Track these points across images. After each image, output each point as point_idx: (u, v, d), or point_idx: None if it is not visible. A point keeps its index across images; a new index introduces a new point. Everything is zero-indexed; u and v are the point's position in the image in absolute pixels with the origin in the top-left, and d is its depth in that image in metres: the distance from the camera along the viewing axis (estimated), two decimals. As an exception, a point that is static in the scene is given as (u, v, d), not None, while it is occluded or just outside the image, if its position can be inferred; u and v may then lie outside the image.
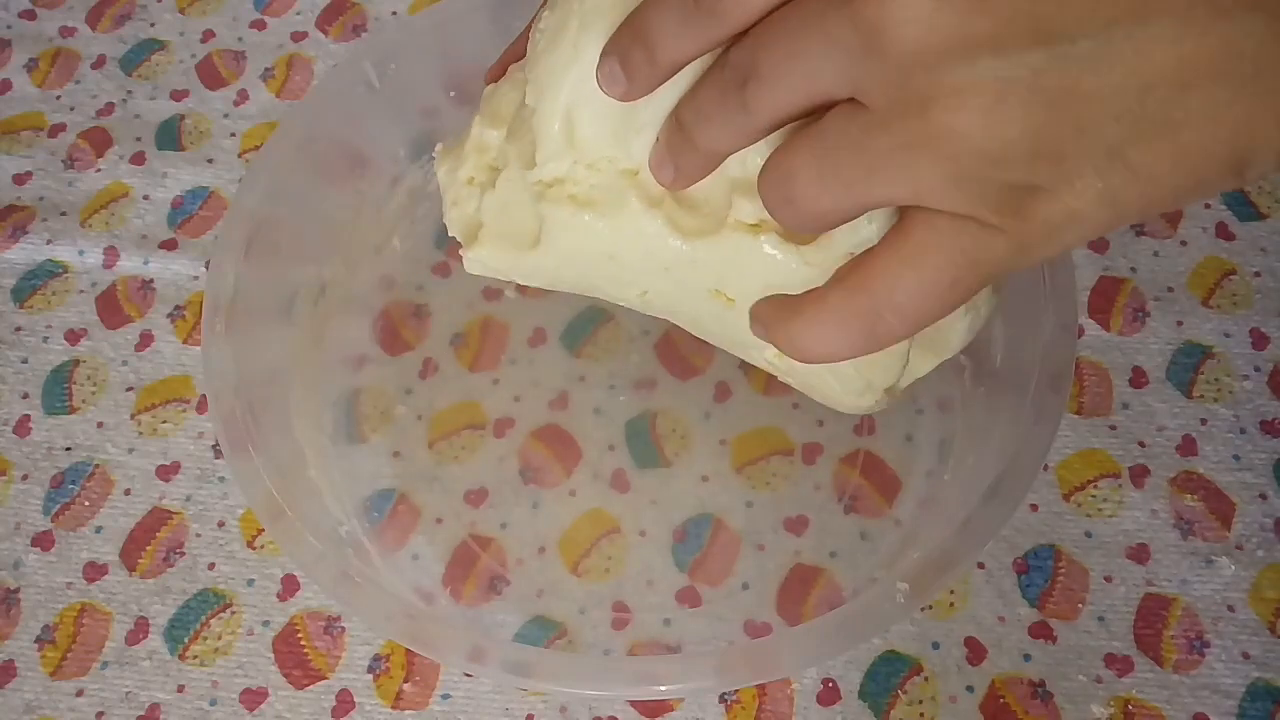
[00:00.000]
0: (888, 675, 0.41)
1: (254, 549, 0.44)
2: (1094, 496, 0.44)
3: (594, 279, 0.33)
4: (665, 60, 0.26)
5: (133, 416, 0.48)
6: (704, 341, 0.34)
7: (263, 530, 0.44)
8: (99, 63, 0.58)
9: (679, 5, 0.25)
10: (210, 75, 0.58)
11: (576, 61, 0.29)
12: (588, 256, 0.31)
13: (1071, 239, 0.23)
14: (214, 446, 0.47)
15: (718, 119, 0.26)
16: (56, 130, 0.56)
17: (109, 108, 0.57)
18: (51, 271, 0.52)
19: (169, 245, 0.52)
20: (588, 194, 0.30)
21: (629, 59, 0.27)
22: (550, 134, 0.30)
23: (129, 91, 0.57)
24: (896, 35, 0.21)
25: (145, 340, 0.49)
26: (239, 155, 0.55)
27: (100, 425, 0.47)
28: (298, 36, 0.59)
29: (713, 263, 0.30)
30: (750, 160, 0.28)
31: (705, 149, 0.27)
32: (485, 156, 0.33)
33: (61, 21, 0.60)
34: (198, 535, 0.45)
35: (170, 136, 0.55)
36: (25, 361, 0.49)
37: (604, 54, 0.28)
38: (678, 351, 0.48)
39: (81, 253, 0.52)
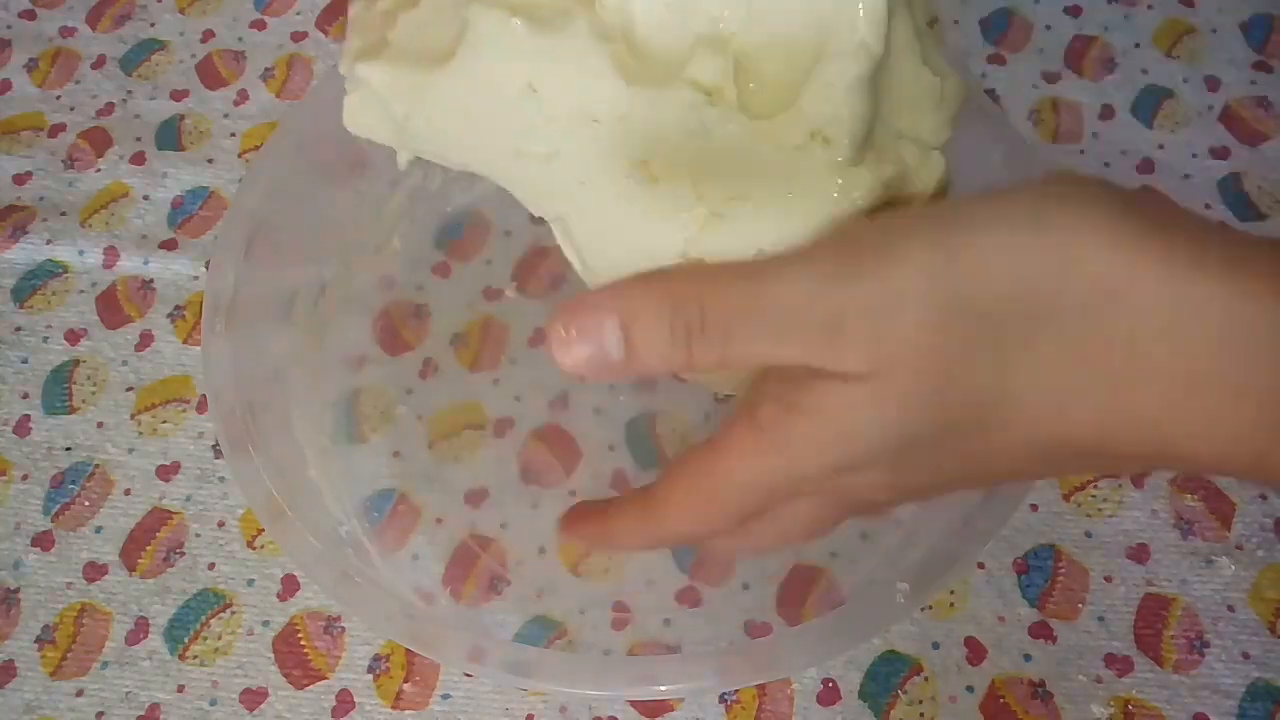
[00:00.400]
0: (888, 675, 0.41)
1: (254, 549, 0.44)
2: (1094, 496, 0.44)
3: (494, 130, 0.27)
4: (639, 370, 0.24)
5: (133, 416, 0.48)
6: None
7: (263, 530, 0.44)
8: (99, 63, 0.58)
9: (670, 328, 0.23)
10: (210, 75, 0.58)
11: None
12: (501, 87, 0.26)
13: None
14: (214, 446, 0.47)
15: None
16: (56, 130, 0.56)
17: (109, 108, 0.57)
18: (51, 271, 0.52)
19: (169, 245, 0.52)
20: (530, 2, 0.26)
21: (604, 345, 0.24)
22: None
23: (129, 91, 0.57)
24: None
25: (145, 340, 0.49)
26: (239, 155, 0.55)
27: (100, 425, 0.47)
28: (298, 36, 0.59)
29: (649, 124, 0.25)
30: (726, 16, 0.25)
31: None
32: None
33: (61, 21, 0.60)
34: (198, 535, 0.45)
35: (170, 136, 0.55)
36: (25, 361, 0.49)
37: (564, 321, 0.24)
38: (678, 351, 0.48)
39: (81, 253, 0.52)
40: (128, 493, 0.46)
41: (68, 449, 0.47)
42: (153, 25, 0.60)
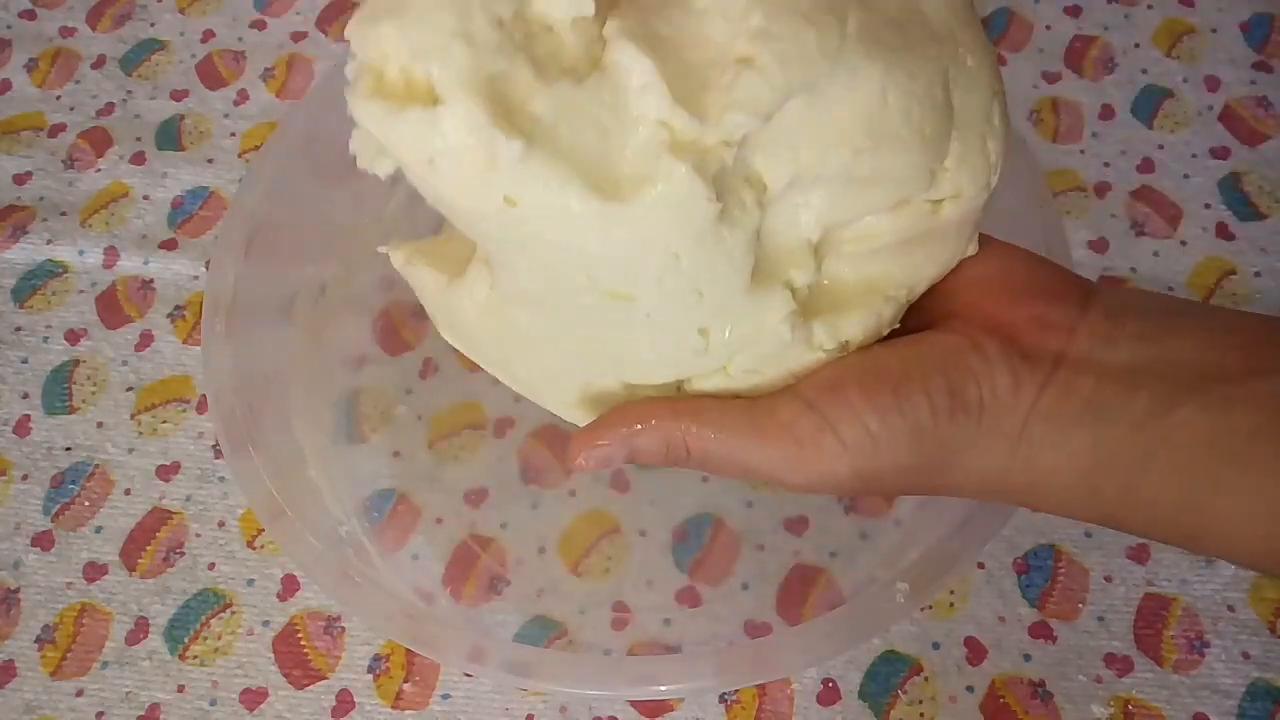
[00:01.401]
0: (888, 675, 0.41)
1: (254, 549, 0.44)
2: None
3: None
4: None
5: (133, 416, 0.48)
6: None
7: (263, 530, 0.44)
8: (99, 63, 0.58)
9: (663, 459, 0.29)
10: (210, 75, 0.58)
11: None
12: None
13: None
14: (214, 446, 0.47)
15: None
16: (56, 130, 0.56)
17: (109, 108, 0.57)
18: (51, 271, 0.52)
19: (169, 245, 0.52)
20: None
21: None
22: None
23: (129, 91, 0.57)
24: None
25: (145, 340, 0.49)
26: (239, 155, 0.55)
27: (100, 425, 0.47)
28: (298, 36, 0.59)
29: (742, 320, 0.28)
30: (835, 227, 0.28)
31: None
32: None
33: (61, 21, 0.60)
34: (198, 535, 0.45)
35: (170, 136, 0.55)
36: (25, 361, 0.49)
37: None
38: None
39: (81, 253, 0.52)
40: (128, 493, 0.46)
41: (68, 449, 0.47)
42: (153, 25, 0.60)
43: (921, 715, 0.40)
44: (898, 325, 0.30)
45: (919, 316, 0.30)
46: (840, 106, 0.25)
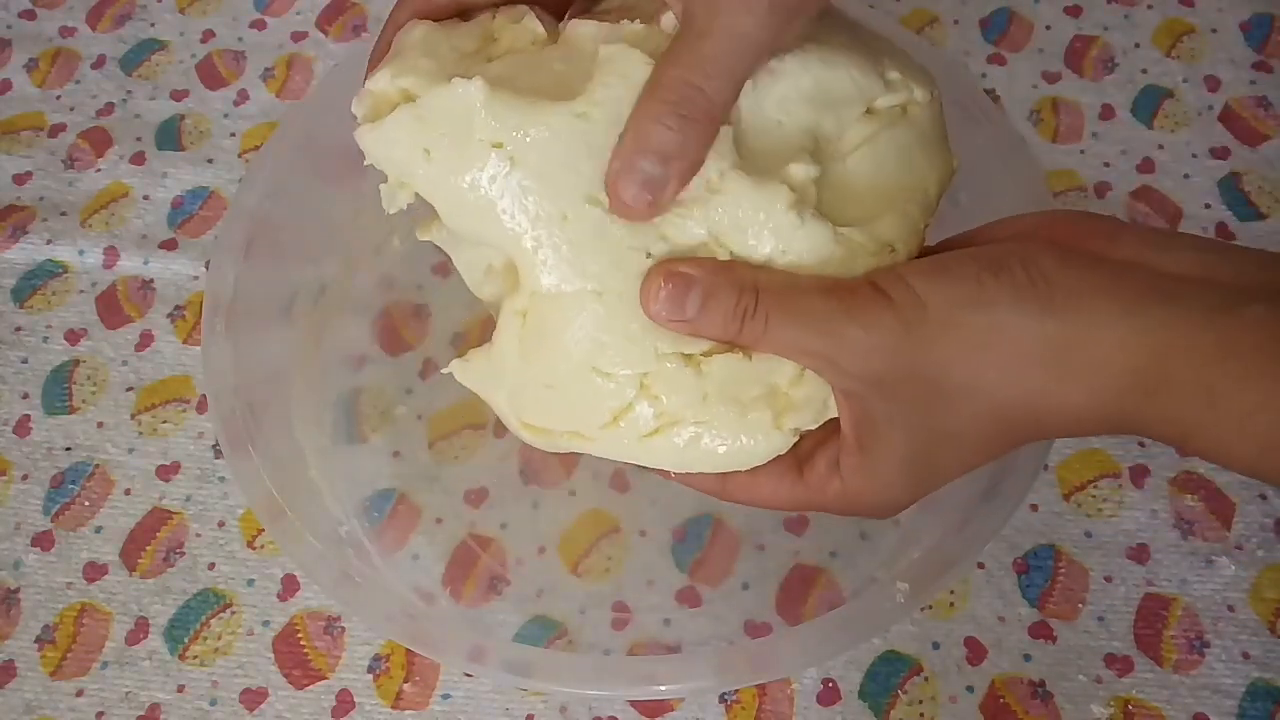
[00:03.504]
0: (888, 675, 0.41)
1: (254, 549, 0.44)
2: (1094, 496, 0.44)
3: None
4: (699, 331, 0.30)
5: (133, 416, 0.48)
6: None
7: (263, 530, 0.44)
8: (99, 63, 0.58)
9: (733, 306, 0.29)
10: (210, 75, 0.58)
11: None
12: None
13: None
14: (214, 446, 0.47)
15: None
16: (56, 130, 0.56)
17: (109, 108, 0.57)
18: (51, 271, 0.52)
19: (169, 245, 0.52)
20: None
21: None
22: None
23: (129, 91, 0.57)
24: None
25: (145, 340, 0.49)
26: (239, 155, 0.55)
27: (100, 425, 0.47)
28: (298, 36, 0.59)
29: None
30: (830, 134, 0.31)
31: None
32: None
33: (61, 21, 0.60)
34: (198, 535, 0.45)
35: (170, 136, 0.55)
36: (25, 361, 0.49)
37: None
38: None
39: (81, 253, 0.52)
40: (128, 493, 0.46)
41: (68, 449, 0.47)
42: (153, 25, 0.60)
43: (921, 715, 0.40)
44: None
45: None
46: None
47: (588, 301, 0.30)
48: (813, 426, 0.31)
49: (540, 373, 0.31)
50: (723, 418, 0.31)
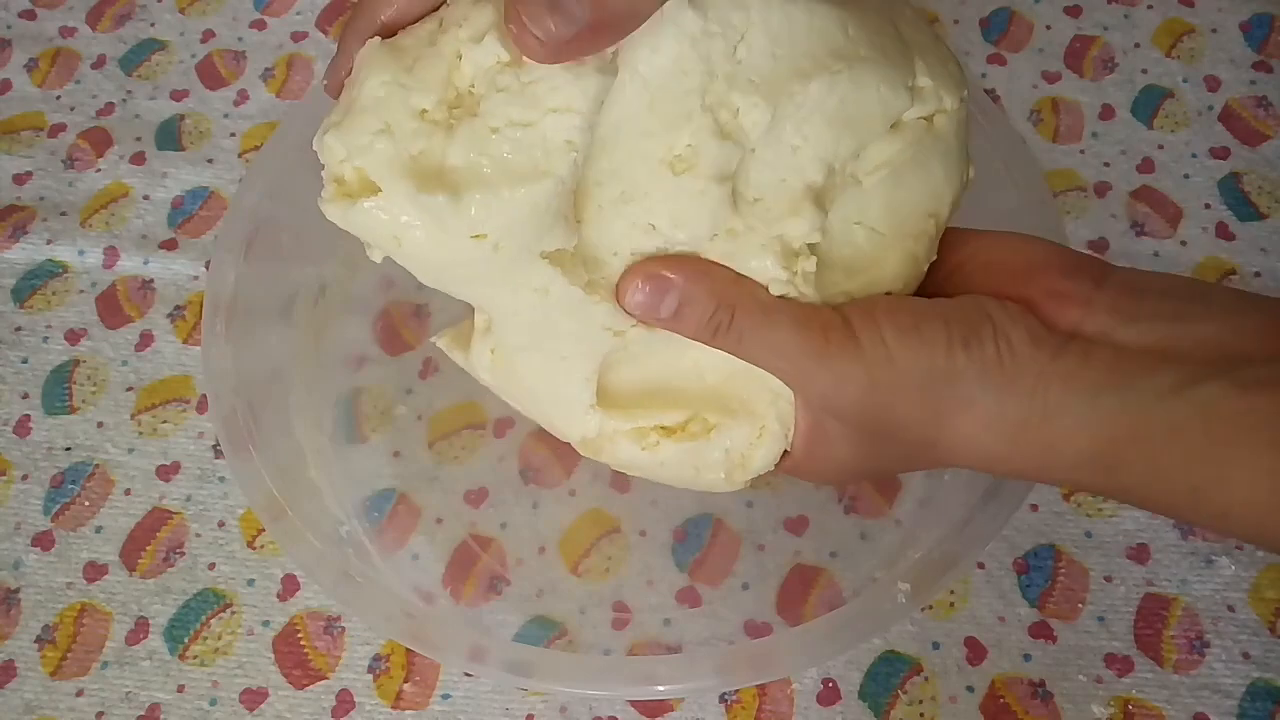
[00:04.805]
0: (888, 675, 0.41)
1: (254, 549, 0.44)
2: (1094, 496, 0.44)
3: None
4: (672, 330, 0.30)
5: (133, 416, 0.48)
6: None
7: (263, 530, 0.44)
8: (99, 63, 0.58)
9: (709, 316, 0.30)
10: (210, 75, 0.58)
11: None
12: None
13: None
14: (214, 446, 0.47)
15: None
16: (56, 130, 0.56)
17: (109, 108, 0.57)
18: (51, 271, 0.52)
19: (169, 245, 0.52)
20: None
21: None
22: None
23: (129, 91, 0.57)
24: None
25: (145, 340, 0.49)
26: (239, 155, 0.55)
27: (100, 425, 0.47)
28: (298, 36, 0.59)
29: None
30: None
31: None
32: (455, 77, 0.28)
33: (61, 21, 0.60)
34: (198, 535, 0.45)
35: (170, 136, 0.55)
36: (25, 361, 0.49)
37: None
38: (678, 351, 0.48)
39: (81, 253, 0.52)
40: (128, 493, 0.46)
41: (68, 449, 0.47)
42: (153, 25, 0.60)
43: (921, 715, 0.40)
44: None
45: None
46: (806, 41, 0.29)
47: (553, 360, 0.32)
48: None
49: (513, 389, 0.34)
50: (679, 479, 0.34)
